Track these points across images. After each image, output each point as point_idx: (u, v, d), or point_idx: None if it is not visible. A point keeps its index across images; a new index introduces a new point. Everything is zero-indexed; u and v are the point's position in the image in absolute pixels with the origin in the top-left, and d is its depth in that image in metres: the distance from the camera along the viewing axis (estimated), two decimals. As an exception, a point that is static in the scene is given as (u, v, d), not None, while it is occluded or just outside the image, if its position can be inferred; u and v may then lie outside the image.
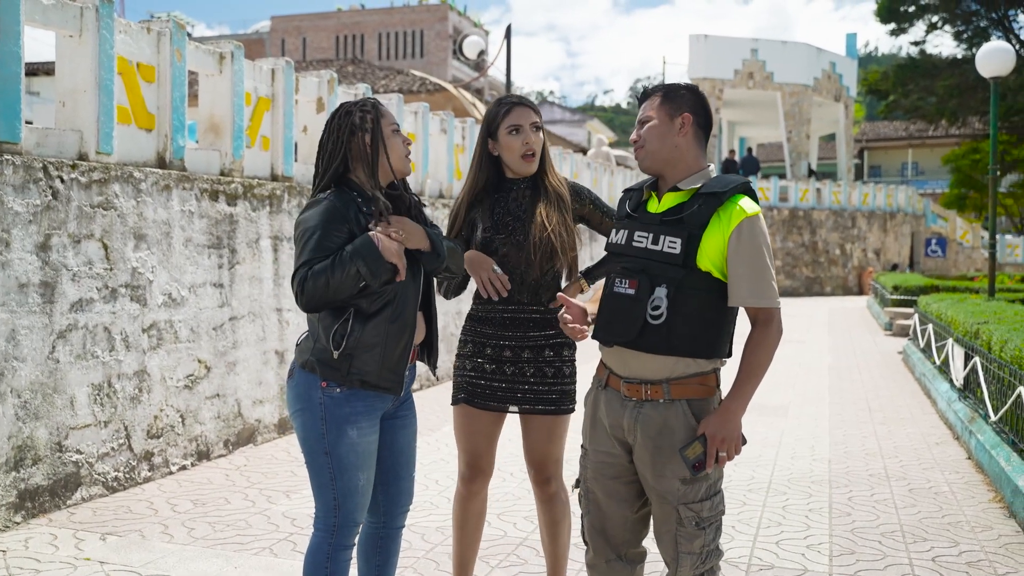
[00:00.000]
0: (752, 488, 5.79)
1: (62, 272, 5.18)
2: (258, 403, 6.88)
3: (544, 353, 3.39)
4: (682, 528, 2.77)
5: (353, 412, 2.92)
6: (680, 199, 2.81)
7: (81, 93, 5.56)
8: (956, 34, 38.95)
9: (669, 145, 2.82)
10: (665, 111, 2.83)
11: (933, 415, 8.43)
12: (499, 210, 3.41)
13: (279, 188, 7.23)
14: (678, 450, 2.70)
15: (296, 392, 2.96)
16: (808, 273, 27.97)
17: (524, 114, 3.35)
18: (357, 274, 2.77)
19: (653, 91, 2.90)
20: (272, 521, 5.01)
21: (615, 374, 2.88)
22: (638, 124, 2.88)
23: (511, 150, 3.36)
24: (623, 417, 2.84)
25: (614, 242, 2.93)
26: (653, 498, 2.85)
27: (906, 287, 17.04)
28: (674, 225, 2.76)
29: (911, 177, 53.25)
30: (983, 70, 11.68)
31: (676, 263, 2.72)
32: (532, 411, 3.40)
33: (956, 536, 4.89)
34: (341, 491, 2.93)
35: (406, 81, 29.45)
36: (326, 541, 2.95)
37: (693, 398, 2.79)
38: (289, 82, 7.49)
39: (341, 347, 2.86)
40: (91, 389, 5.37)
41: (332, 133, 2.98)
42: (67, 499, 5.18)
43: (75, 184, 5.29)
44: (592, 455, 2.95)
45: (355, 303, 2.87)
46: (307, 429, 2.94)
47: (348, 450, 2.92)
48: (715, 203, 2.74)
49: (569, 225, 3.42)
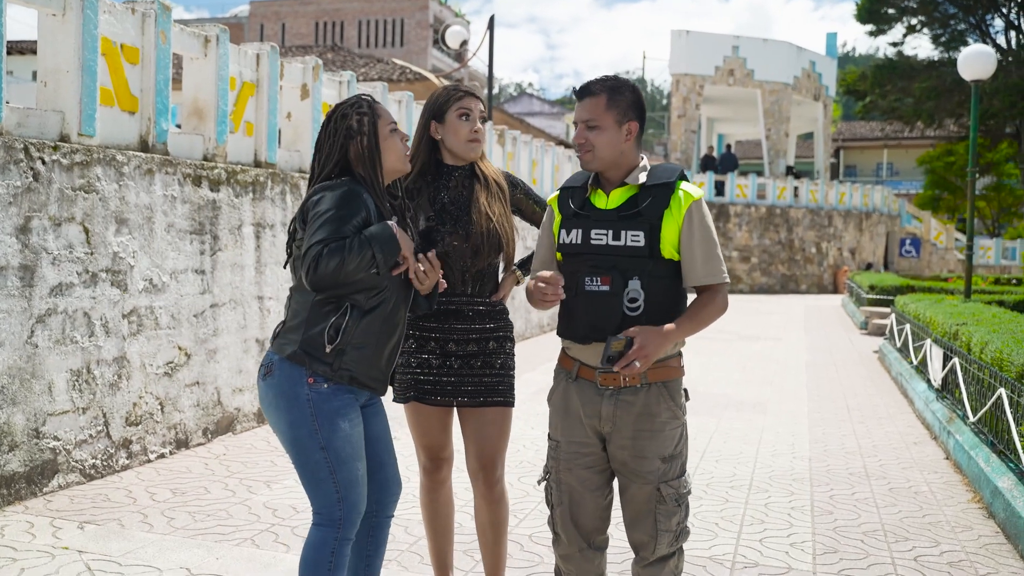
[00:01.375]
0: (734, 485, 5.79)
1: (42, 255, 5.10)
2: (238, 391, 6.81)
3: (489, 345, 3.37)
4: (663, 506, 2.91)
5: (342, 405, 2.88)
6: (630, 192, 2.92)
7: (64, 73, 5.47)
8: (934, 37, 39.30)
9: (616, 151, 2.92)
10: (612, 117, 2.89)
11: (910, 414, 8.48)
12: (440, 198, 3.35)
13: (262, 175, 7.15)
14: (608, 338, 2.77)
15: (279, 390, 2.86)
16: (784, 271, 28.12)
17: (475, 103, 3.35)
18: (372, 259, 2.73)
19: (596, 88, 2.91)
20: (253, 511, 4.96)
21: (587, 365, 2.96)
22: (583, 124, 2.91)
23: (458, 134, 3.32)
24: (600, 406, 2.93)
25: (568, 242, 2.97)
26: (632, 481, 2.95)
27: (882, 287, 17.16)
28: (633, 219, 2.88)
29: (886, 177, 53.72)
30: (965, 73, 11.74)
31: (643, 255, 2.85)
32: (486, 403, 3.35)
33: (937, 536, 4.91)
34: (343, 484, 2.87)
35: (386, 70, 29.30)
36: (331, 535, 2.88)
37: (668, 380, 2.94)
38: (274, 68, 7.41)
39: (336, 341, 2.81)
40: (70, 375, 5.29)
41: (329, 137, 2.96)
42: (44, 486, 5.11)
43: (56, 166, 5.20)
44: (565, 446, 3.02)
45: (352, 298, 2.83)
46: (296, 427, 2.85)
47: (344, 442, 2.87)
48: (668, 192, 2.88)
49: (510, 215, 3.43)
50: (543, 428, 7.09)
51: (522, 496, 5.36)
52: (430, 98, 3.41)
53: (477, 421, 3.38)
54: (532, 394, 8.07)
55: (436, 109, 3.36)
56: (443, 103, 3.35)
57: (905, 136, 50.17)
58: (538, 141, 15.05)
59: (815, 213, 28.75)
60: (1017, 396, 5.46)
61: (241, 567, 4.14)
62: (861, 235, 30.37)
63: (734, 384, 9.94)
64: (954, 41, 38.89)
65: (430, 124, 3.37)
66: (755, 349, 13.24)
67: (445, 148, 3.38)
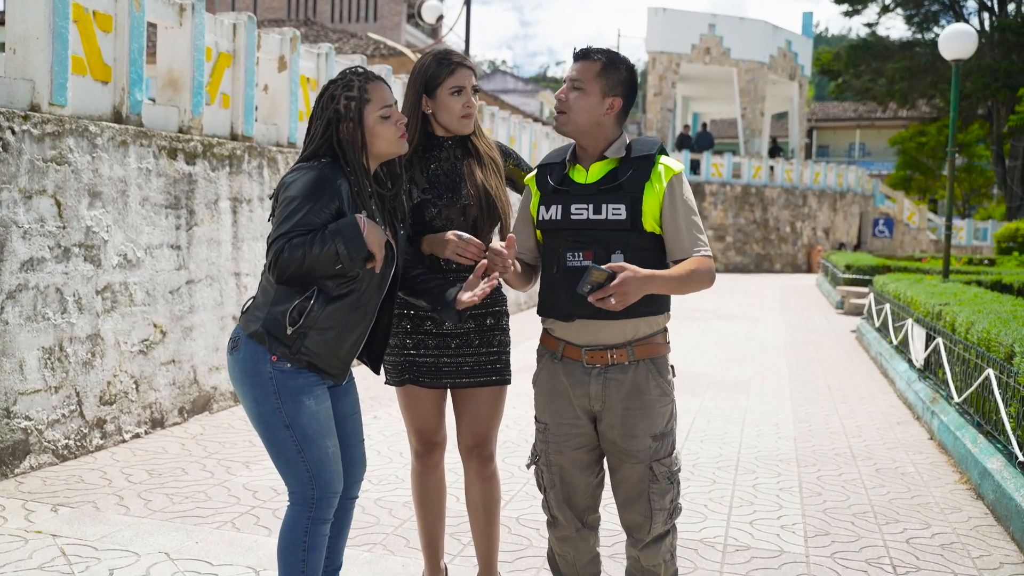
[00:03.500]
0: (721, 466, 5.73)
1: (12, 229, 4.91)
2: (214, 370, 6.66)
3: (487, 321, 3.26)
4: (655, 484, 2.87)
5: (307, 383, 2.78)
6: (609, 166, 2.87)
7: (33, 40, 5.26)
8: (908, 17, 39.43)
9: (592, 121, 2.85)
10: (599, 87, 2.83)
11: (891, 394, 8.47)
12: (432, 171, 3.21)
13: (239, 148, 6.97)
14: (589, 264, 2.66)
15: (243, 366, 2.78)
16: (759, 250, 28.17)
17: (467, 76, 3.19)
18: (336, 255, 2.63)
19: (595, 54, 2.86)
20: (233, 493, 4.83)
21: (572, 344, 2.90)
22: (569, 82, 2.87)
23: (451, 111, 3.17)
24: (589, 385, 2.88)
25: (548, 218, 2.91)
26: (623, 461, 2.90)
27: (858, 266, 17.19)
28: (613, 192, 2.83)
29: (858, 158, 53.96)
30: (946, 52, 11.69)
31: (625, 228, 2.80)
32: (486, 382, 3.24)
33: (927, 518, 4.87)
34: (313, 462, 2.79)
35: (360, 45, 28.94)
36: (304, 515, 2.80)
37: (655, 356, 2.89)
38: (251, 38, 7.21)
39: (298, 324, 2.71)
40: (41, 353, 5.12)
41: (316, 117, 2.86)
42: (15, 468, 4.95)
43: (27, 136, 5.00)
44: (554, 428, 2.97)
45: (321, 283, 2.73)
46: (260, 405, 2.77)
47: (310, 419, 2.78)
48: (648, 165, 2.83)
49: (505, 187, 3.31)
50: (526, 407, 7.01)
51: (507, 478, 5.26)
52: (419, 67, 3.22)
53: (472, 399, 3.28)
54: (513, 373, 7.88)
55: (428, 83, 3.19)
56: (435, 76, 3.18)
57: (878, 116, 50.37)
58: (516, 118, 14.90)
59: (790, 193, 28.79)
60: (1006, 377, 5.42)
61: (222, 551, 4.02)
62: (835, 215, 30.48)
63: (715, 364, 9.90)
64: (927, 22, 39.05)
65: (421, 98, 3.20)
66: (733, 329, 13.21)
67: (436, 121, 3.23)
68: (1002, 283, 13.43)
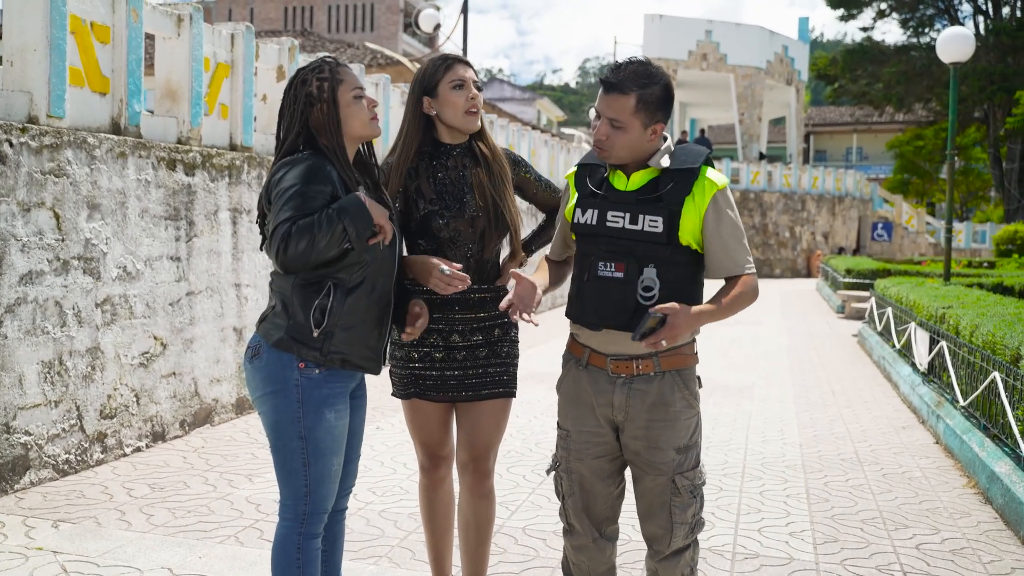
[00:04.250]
0: (727, 473, 5.69)
1: (10, 242, 4.87)
2: (215, 382, 6.62)
3: (494, 333, 3.19)
4: (678, 498, 2.81)
5: (331, 394, 2.75)
6: (651, 175, 2.78)
7: (31, 52, 5.22)
8: (903, 22, 39.52)
9: (638, 150, 2.77)
10: (639, 121, 2.71)
11: (896, 399, 8.43)
12: (440, 179, 3.12)
13: (238, 158, 6.93)
14: (647, 311, 2.62)
15: (266, 373, 2.73)
16: (758, 255, 28.15)
17: (466, 70, 3.10)
18: (344, 233, 2.57)
19: (627, 86, 2.69)
20: (236, 507, 4.79)
21: (598, 352, 2.85)
22: (606, 121, 2.72)
23: (454, 106, 3.07)
24: (612, 395, 2.82)
25: (584, 222, 2.84)
26: (646, 473, 2.85)
27: (859, 270, 17.15)
28: (652, 203, 2.74)
29: (856, 162, 54.02)
30: (944, 55, 11.67)
31: (660, 241, 2.71)
32: (491, 395, 3.18)
33: (936, 523, 4.83)
34: (314, 477, 2.75)
35: (357, 54, 28.96)
36: (295, 531, 2.76)
37: (682, 368, 2.83)
38: (249, 48, 7.19)
39: (323, 324, 2.67)
40: (41, 367, 5.08)
41: (290, 104, 2.80)
42: (15, 483, 4.90)
43: (25, 149, 4.97)
44: (576, 435, 2.92)
45: (335, 276, 2.69)
46: (279, 412, 2.72)
47: (325, 434, 2.74)
48: (691, 178, 2.74)
49: (513, 197, 3.22)
50: (530, 416, 6.97)
51: (512, 487, 5.22)
52: (417, 74, 3.16)
53: (475, 411, 3.21)
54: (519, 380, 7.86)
55: (427, 83, 3.11)
56: (432, 75, 3.10)
57: (875, 121, 50.47)
58: (514, 125, 14.89)
59: (788, 197, 28.80)
60: (1012, 380, 5.38)
61: (225, 566, 3.97)
62: (834, 219, 30.48)
63: (718, 369, 9.86)
64: (923, 26, 39.14)
65: (422, 100, 3.12)
66: (735, 334, 13.17)
67: (442, 123, 3.14)
68: (1003, 285, 13.40)
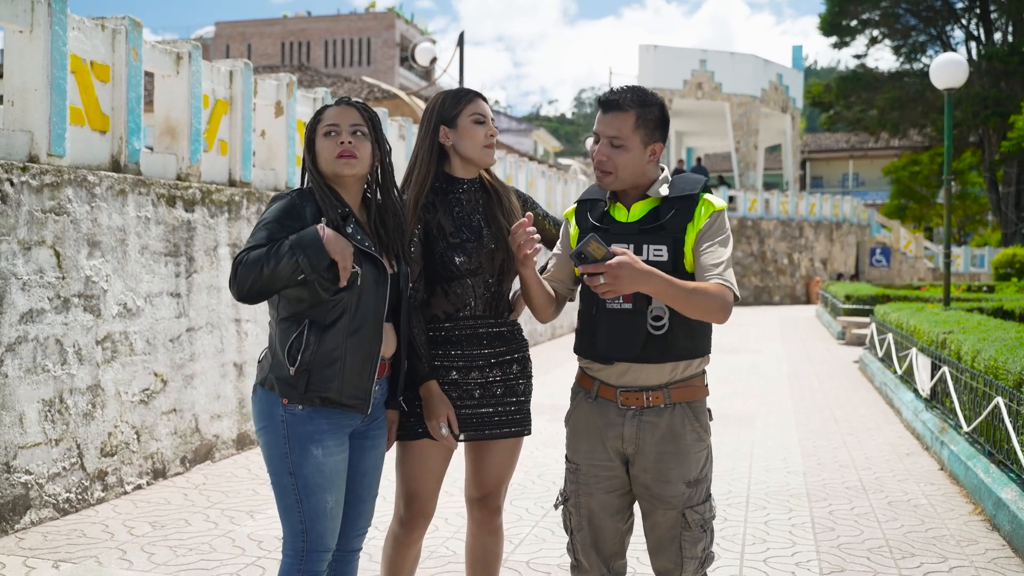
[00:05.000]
0: (731, 503, 5.66)
1: (11, 281, 4.88)
2: (216, 418, 6.59)
3: (512, 368, 3.13)
4: (688, 532, 2.79)
5: (316, 430, 2.73)
6: (651, 205, 2.80)
7: (32, 92, 5.26)
8: (895, 48, 39.85)
9: (639, 172, 2.79)
10: (640, 137, 2.75)
11: (899, 425, 8.40)
12: (457, 215, 3.07)
13: (238, 194, 6.95)
14: (590, 234, 2.49)
15: (258, 409, 2.79)
16: (757, 283, 28.17)
17: (486, 107, 3.11)
18: (296, 264, 2.57)
19: (626, 103, 2.75)
20: (237, 544, 4.75)
21: (607, 384, 2.83)
22: (606, 140, 2.75)
23: (474, 139, 3.05)
24: (622, 427, 2.81)
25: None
26: (655, 507, 2.82)
27: (858, 296, 17.15)
28: (655, 232, 2.75)
29: (852, 188, 54.19)
30: (937, 81, 11.75)
31: (666, 270, 2.68)
32: (508, 433, 3.11)
33: (943, 551, 4.80)
34: (308, 514, 2.73)
35: (354, 88, 29.11)
36: (295, 568, 2.75)
37: (693, 400, 2.82)
38: (248, 85, 7.23)
39: (297, 362, 2.68)
40: (41, 405, 5.06)
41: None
42: (15, 523, 4.87)
43: (25, 187, 4.99)
44: (585, 469, 2.89)
45: (308, 314, 2.69)
46: (270, 448, 2.76)
47: (313, 471, 2.72)
48: (691, 205, 2.76)
49: None
50: (533, 447, 6.94)
51: (516, 520, 5.19)
52: (433, 104, 3.12)
53: (490, 449, 3.15)
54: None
55: (445, 113, 3.09)
56: (452, 106, 3.08)
57: (870, 147, 50.72)
58: (512, 157, 14.95)
59: (786, 224, 28.86)
60: (1016, 405, 5.37)
61: (229, 604, 3.94)
62: (832, 245, 30.53)
63: (718, 398, 9.82)
64: (915, 52, 39.47)
65: (439, 130, 3.08)
66: (735, 362, 13.15)
67: (457, 156, 3.11)
68: (1003, 309, 13.40)
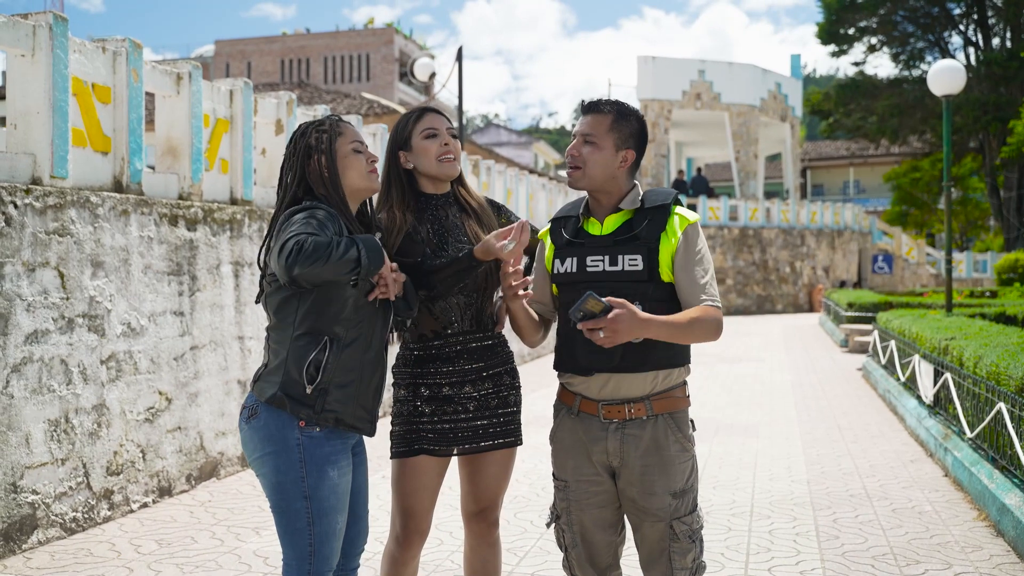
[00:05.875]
0: (735, 512, 5.67)
1: (16, 302, 4.91)
2: (220, 435, 6.62)
3: (504, 380, 3.16)
4: (676, 543, 2.81)
5: (333, 451, 2.73)
6: (625, 217, 2.85)
7: (34, 115, 5.31)
8: (894, 55, 39.90)
9: (608, 175, 2.84)
10: (612, 140, 2.82)
11: (903, 432, 8.41)
12: (436, 231, 3.09)
13: (239, 212, 7.00)
14: (587, 292, 2.55)
15: (265, 433, 2.70)
16: (759, 291, 28.18)
17: (438, 119, 3.11)
18: (356, 262, 2.56)
19: (605, 107, 2.85)
20: (244, 560, 4.77)
21: (588, 398, 2.86)
22: (580, 137, 2.85)
23: (428, 153, 3.06)
24: (606, 441, 2.83)
25: (564, 271, 2.89)
26: (643, 520, 2.84)
27: (861, 304, 17.16)
28: (629, 243, 2.80)
29: (853, 195, 54.22)
30: (935, 88, 11.80)
31: (642, 279, 2.76)
32: (502, 445, 3.14)
33: (948, 557, 4.80)
34: (318, 537, 2.72)
35: (354, 104, 29.24)
36: None
37: (675, 411, 2.84)
38: (248, 103, 7.28)
39: (316, 380, 2.66)
40: (47, 425, 5.09)
41: (289, 156, 2.84)
42: (23, 543, 4.89)
43: (29, 210, 5.03)
44: (575, 485, 2.91)
45: (331, 331, 2.69)
46: (281, 473, 2.69)
47: (329, 493, 2.72)
48: (664, 215, 2.82)
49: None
50: (535, 461, 6.95)
51: (520, 533, 5.20)
52: (392, 131, 3.17)
53: (484, 461, 3.17)
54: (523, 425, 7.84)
55: (399, 137, 3.12)
56: (403, 128, 3.12)
57: (870, 154, 50.78)
58: (512, 170, 14.99)
59: (788, 233, 28.88)
60: (1018, 410, 5.38)
61: (235, 621, 3.95)
62: (834, 253, 30.54)
63: (722, 408, 9.84)
64: (914, 59, 39.52)
65: (398, 156, 3.12)
66: (738, 371, 13.16)
67: (421, 175, 3.13)
68: (1006, 315, 13.40)
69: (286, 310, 2.72)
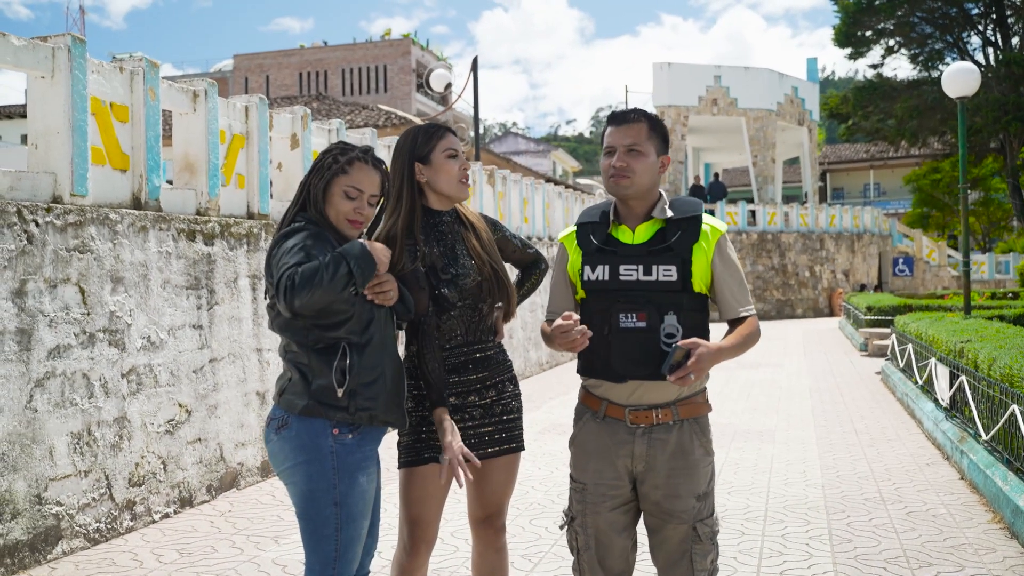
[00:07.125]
0: (749, 517, 5.70)
1: (38, 318, 5.03)
2: (240, 446, 6.72)
3: (507, 388, 3.24)
4: (699, 545, 2.88)
5: (364, 458, 2.84)
6: (656, 227, 2.90)
7: (54, 135, 5.43)
8: (912, 57, 39.66)
9: (652, 181, 2.92)
10: (654, 146, 2.91)
11: (920, 435, 8.40)
12: (443, 249, 3.17)
13: (256, 226, 7.10)
14: (672, 345, 2.73)
15: (297, 443, 2.78)
16: (779, 296, 28.11)
17: (457, 142, 3.20)
18: (348, 274, 2.66)
19: (637, 116, 2.92)
20: (263, 569, 4.85)
21: (616, 404, 2.91)
22: (623, 148, 2.88)
23: (449, 174, 3.13)
24: (633, 445, 2.88)
25: (595, 279, 2.91)
26: (666, 522, 2.89)
27: (880, 307, 17.10)
28: (662, 253, 2.85)
29: (873, 198, 53.95)
30: (949, 90, 11.79)
31: (676, 289, 2.82)
32: (507, 451, 3.20)
33: (961, 560, 4.82)
34: (344, 542, 2.80)
35: (371, 116, 29.40)
36: None
37: (699, 416, 2.94)
38: (263, 119, 7.39)
39: (345, 383, 2.76)
40: (70, 438, 5.20)
41: (308, 173, 3.00)
42: (48, 553, 5.00)
43: (50, 227, 5.15)
44: (593, 488, 2.95)
45: (347, 338, 2.79)
46: (313, 480, 2.77)
47: (358, 499, 2.81)
48: (696, 226, 2.87)
49: (500, 258, 3.31)
50: (551, 468, 7.00)
51: (535, 539, 5.26)
52: (404, 141, 3.21)
53: (490, 467, 3.23)
54: (538, 433, 8.01)
55: (418, 150, 3.16)
56: (424, 142, 3.16)
57: (890, 156, 50.51)
58: (528, 179, 15.06)
59: (807, 237, 28.79)
60: (1030, 412, 5.39)
61: (254, 628, 4.03)
62: (854, 256, 30.41)
63: (739, 413, 9.86)
64: (932, 60, 39.26)
65: (413, 167, 3.16)
66: (757, 376, 13.16)
67: (432, 191, 3.19)
68: (1025, 316, 13.35)
69: (293, 328, 2.82)
